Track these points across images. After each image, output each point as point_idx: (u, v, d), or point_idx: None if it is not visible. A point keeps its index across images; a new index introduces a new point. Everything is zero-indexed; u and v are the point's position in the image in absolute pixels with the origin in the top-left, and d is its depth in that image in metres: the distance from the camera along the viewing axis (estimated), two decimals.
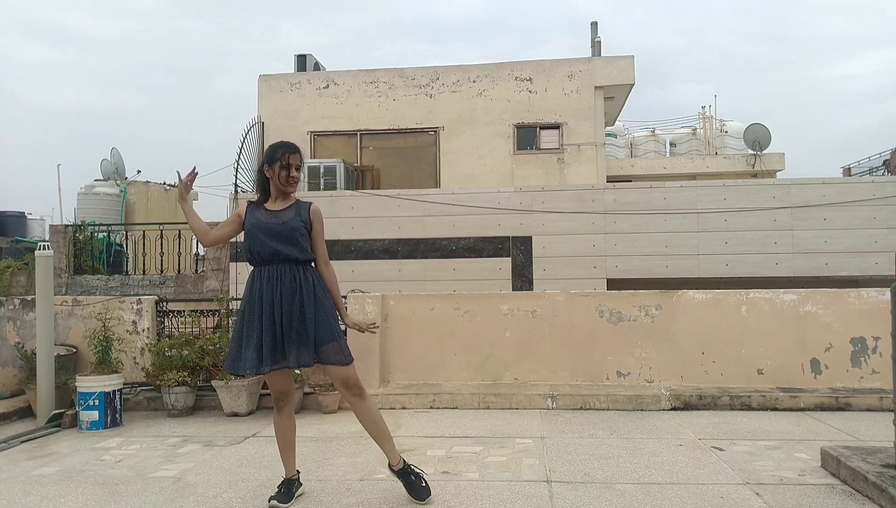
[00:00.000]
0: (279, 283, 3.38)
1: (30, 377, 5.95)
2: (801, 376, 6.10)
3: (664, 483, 3.81)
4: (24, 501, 3.70)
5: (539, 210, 10.96)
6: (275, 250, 3.39)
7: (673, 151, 20.63)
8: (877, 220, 10.54)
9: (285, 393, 3.56)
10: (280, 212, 3.49)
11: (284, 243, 3.40)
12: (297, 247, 3.42)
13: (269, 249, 3.40)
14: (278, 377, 3.49)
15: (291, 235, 3.41)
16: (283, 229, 3.42)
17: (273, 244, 3.39)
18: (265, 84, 14.49)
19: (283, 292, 3.37)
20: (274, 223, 3.43)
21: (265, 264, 3.43)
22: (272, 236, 3.40)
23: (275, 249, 3.39)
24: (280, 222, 3.44)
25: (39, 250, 5.90)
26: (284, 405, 3.57)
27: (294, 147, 3.54)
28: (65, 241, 11.77)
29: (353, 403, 3.47)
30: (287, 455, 3.63)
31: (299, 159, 3.52)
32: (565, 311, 6.47)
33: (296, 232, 3.42)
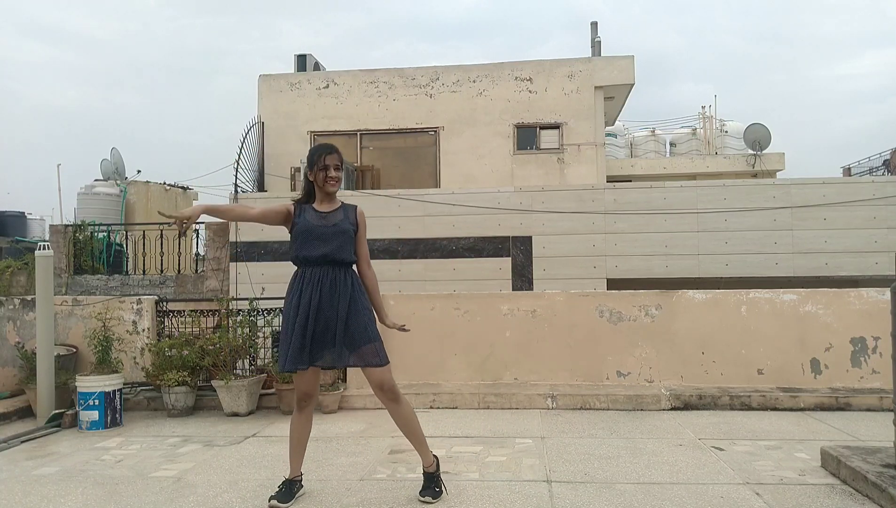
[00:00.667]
0: (320, 284, 3.45)
1: (30, 377, 5.96)
2: (801, 376, 6.10)
3: (664, 483, 3.81)
4: (24, 501, 3.70)
5: (539, 210, 10.96)
6: (323, 253, 3.47)
7: (673, 151, 20.62)
8: (877, 220, 10.53)
9: (310, 394, 3.59)
10: (329, 214, 3.56)
11: (333, 245, 3.48)
12: (345, 250, 3.51)
13: (319, 251, 3.47)
14: (308, 377, 3.53)
15: (341, 238, 3.50)
16: (333, 232, 3.50)
17: (323, 247, 3.47)
18: (265, 84, 14.48)
19: (322, 293, 3.43)
20: (324, 226, 3.51)
21: (312, 265, 3.49)
22: (322, 238, 3.49)
23: (324, 252, 3.47)
24: (330, 224, 3.52)
25: (39, 250, 5.90)
26: (307, 405, 3.60)
27: (330, 148, 3.58)
28: (65, 241, 11.76)
29: (388, 406, 3.53)
30: (296, 455, 3.64)
31: (337, 159, 3.56)
32: (565, 311, 6.47)
33: (345, 235, 3.52)
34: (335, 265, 3.49)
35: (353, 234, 3.58)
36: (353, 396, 6.11)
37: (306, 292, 3.44)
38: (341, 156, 3.62)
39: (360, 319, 3.46)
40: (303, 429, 3.62)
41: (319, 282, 3.45)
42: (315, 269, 3.48)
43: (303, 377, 3.51)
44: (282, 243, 11.29)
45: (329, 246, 3.47)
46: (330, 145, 3.61)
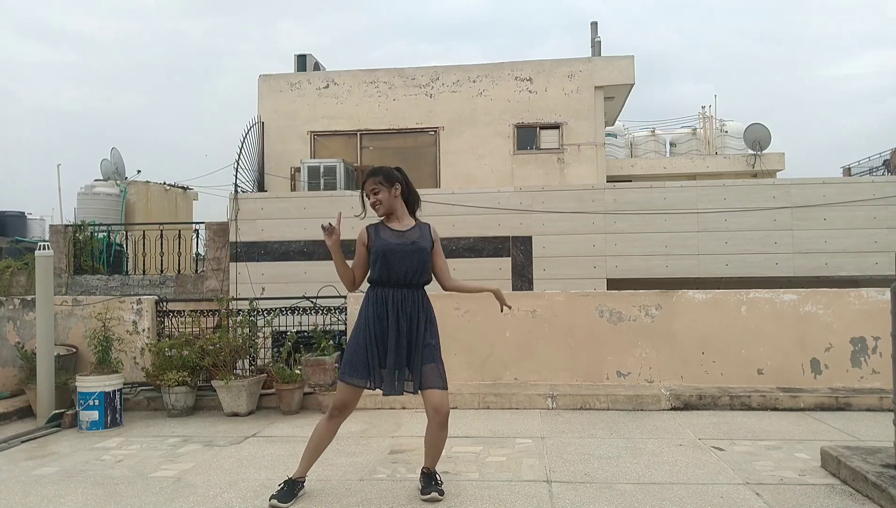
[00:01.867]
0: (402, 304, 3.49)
1: (30, 377, 5.95)
2: (801, 376, 6.10)
3: (664, 483, 3.81)
4: (24, 501, 3.70)
5: (539, 210, 10.96)
6: (405, 272, 3.48)
7: (673, 151, 20.63)
8: (877, 220, 10.53)
9: (348, 407, 3.56)
10: (406, 232, 3.56)
11: (414, 264, 3.49)
12: (425, 269, 3.54)
13: (402, 270, 3.48)
14: (354, 393, 3.51)
15: (421, 256, 3.51)
16: (412, 249, 3.50)
17: (405, 265, 3.47)
18: (265, 84, 14.49)
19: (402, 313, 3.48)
20: (403, 244, 3.50)
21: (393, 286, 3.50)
22: (403, 257, 3.48)
23: (406, 270, 3.48)
24: (409, 242, 3.51)
25: (39, 250, 5.90)
26: (340, 415, 3.56)
27: (369, 172, 3.60)
28: (65, 241, 11.77)
29: (434, 428, 3.52)
30: (310, 458, 3.61)
31: (373, 183, 3.55)
32: (565, 311, 6.47)
33: (425, 253, 3.53)
34: (415, 288, 3.53)
35: (430, 251, 3.57)
36: None
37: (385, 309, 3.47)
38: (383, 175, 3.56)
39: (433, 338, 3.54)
40: (326, 437, 3.59)
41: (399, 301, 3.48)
42: (396, 290, 3.50)
43: (350, 391, 3.49)
44: (281, 243, 11.30)
45: (408, 264, 3.48)
46: (371, 169, 3.61)
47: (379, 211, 3.58)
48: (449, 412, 3.53)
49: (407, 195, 3.64)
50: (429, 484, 3.59)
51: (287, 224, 11.36)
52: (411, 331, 3.47)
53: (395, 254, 3.46)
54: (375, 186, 3.55)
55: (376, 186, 3.55)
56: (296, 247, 11.24)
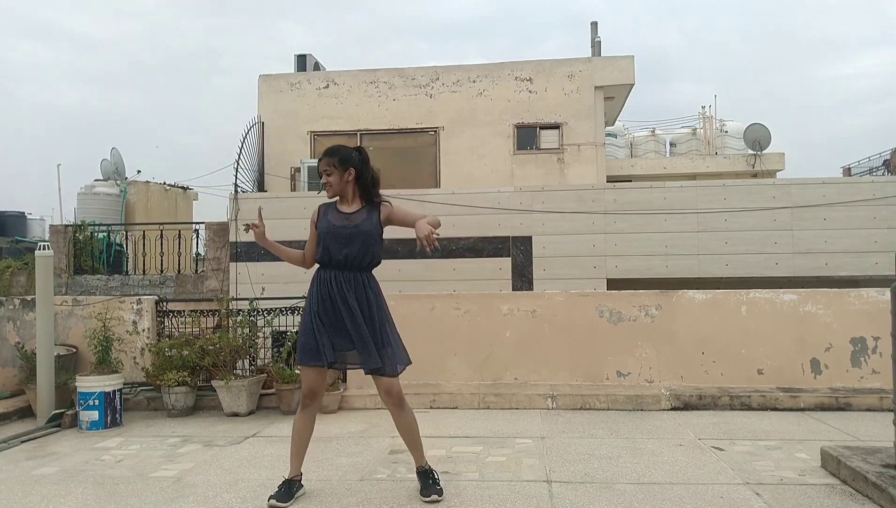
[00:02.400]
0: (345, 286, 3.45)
1: (30, 377, 5.95)
2: (801, 376, 6.10)
3: (664, 483, 3.81)
4: (24, 501, 3.70)
5: (539, 210, 10.95)
6: (345, 256, 3.45)
7: (673, 151, 20.62)
8: (877, 220, 10.52)
9: (316, 392, 3.57)
10: (352, 215, 3.53)
11: (355, 248, 3.46)
12: (368, 253, 3.49)
13: (341, 253, 3.45)
14: (316, 376, 3.52)
15: (364, 240, 3.47)
16: (353, 232, 3.47)
17: (345, 249, 3.45)
18: (265, 84, 14.48)
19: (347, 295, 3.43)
20: (346, 227, 3.48)
21: (335, 268, 3.48)
22: (344, 240, 3.46)
23: (346, 253, 3.45)
24: (352, 225, 3.49)
25: (39, 250, 5.90)
26: (311, 403, 3.57)
27: (325, 151, 3.57)
28: (65, 241, 11.76)
29: (392, 410, 3.57)
30: (297, 454, 3.61)
31: (326, 164, 3.53)
32: (565, 311, 6.47)
33: (369, 237, 3.49)
34: (356, 270, 3.50)
35: (379, 234, 3.55)
36: (353, 396, 6.11)
37: (328, 291, 3.45)
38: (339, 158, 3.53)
39: (378, 322, 3.48)
40: (305, 428, 3.59)
41: (346, 285, 3.45)
42: (339, 272, 3.48)
43: (311, 374, 3.50)
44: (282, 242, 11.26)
45: (349, 247, 3.45)
46: (324, 151, 3.59)
47: (328, 193, 3.57)
48: (400, 391, 3.55)
49: (363, 180, 3.57)
50: (427, 484, 3.58)
51: (287, 224, 11.29)
52: (363, 313, 3.44)
53: (335, 237, 3.46)
54: (328, 167, 3.53)
55: (329, 168, 3.53)
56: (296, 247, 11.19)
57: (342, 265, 3.47)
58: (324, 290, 3.47)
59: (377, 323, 3.48)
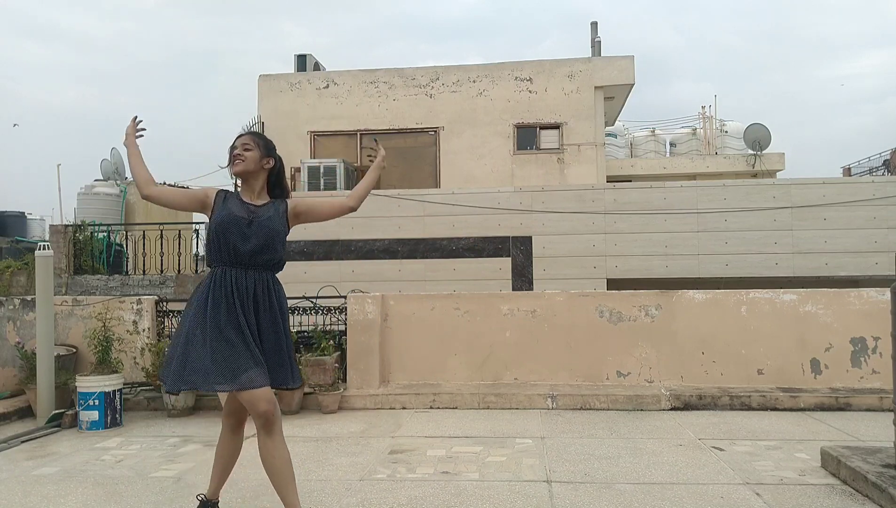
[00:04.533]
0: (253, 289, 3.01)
1: (30, 377, 5.95)
2: (801, 376, 6.10)
3: (664, 483, 3.81)
4: (24, 501, 3.70)
5: (539, 210, 10.96)
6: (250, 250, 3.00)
7: (673, 151, 20.62)
8: (877, 220, 10.53)
9: (240, 412, 3.12)
10: (258, 207, 3.09)
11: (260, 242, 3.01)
12: (273, 249, 3.06)
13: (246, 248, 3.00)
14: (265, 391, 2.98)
15: (269, 235, 3.04)
16: (259, 224, 3.03)
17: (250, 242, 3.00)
18: (265, 84, 14.49)
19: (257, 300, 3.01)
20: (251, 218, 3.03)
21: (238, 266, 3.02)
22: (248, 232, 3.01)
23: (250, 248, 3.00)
24: (260, 217, 3.05)
25: (39, 250, 5.90)
26: (238, 424, 3.16)
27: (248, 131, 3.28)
28: (65, 241, 11.76)
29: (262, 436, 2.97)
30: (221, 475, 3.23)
31: (249, 139, 3.14)
32: (565, 311, 6.47)
33: (275, 233, 3.06)
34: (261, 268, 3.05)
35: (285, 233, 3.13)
36: (353, 396, 6.11)
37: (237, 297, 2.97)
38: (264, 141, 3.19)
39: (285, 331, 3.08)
40: (233, 452, 3.21)
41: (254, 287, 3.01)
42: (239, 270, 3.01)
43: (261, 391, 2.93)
44: None
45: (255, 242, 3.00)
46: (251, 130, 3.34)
47: (237, 167, 3.07)
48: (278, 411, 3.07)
49: (275, 181, 3.19)
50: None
51: None
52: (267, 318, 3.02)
53: (238, 227, 2.98)
54: (250, 142, 3.11)
55: (250, 144, 3.10)
56: (295, 247, 11.23)
57: (246, 263, 3.00)
58: (219, 292, 2.96)
59: (283, 332, 3.07)
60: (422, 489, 3.76)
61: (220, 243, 3.01)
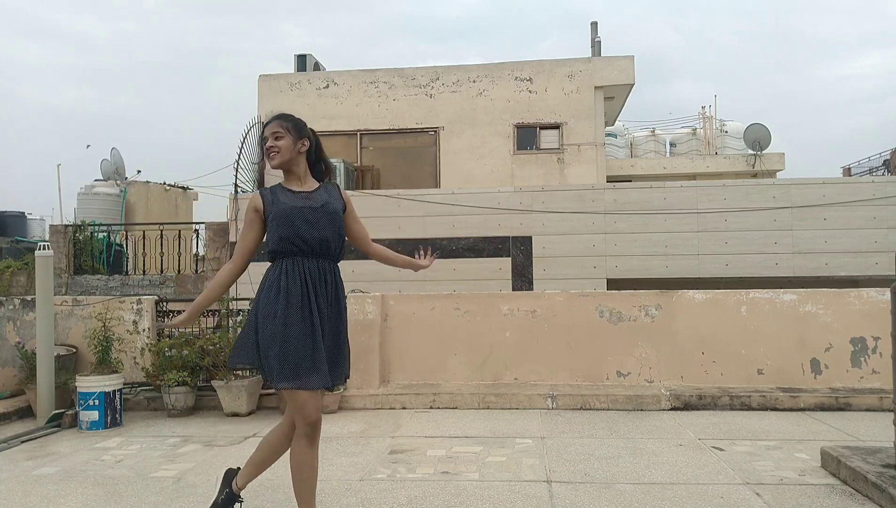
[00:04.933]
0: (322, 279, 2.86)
1: (30, 377, 5.95)
2: (801, 376, 6.10)
3: (664, 483, 3.81)
4: (24, 501, 3.70)
5: (539, 210, 10.96)
6: (319, 240, 2.84)
7: (673, 151, 20.63)
8: (877, 220, 10.53)
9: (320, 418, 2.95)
10: (312, 194, 2.93)
11: (327, 230, 2.86)
12: (341, 237, 2.94)
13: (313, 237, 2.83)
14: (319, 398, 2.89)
15: (334, 220, 2.89)
16: (323, 212, 2.87)
17: (317, 232, 2.83)
18: (265, 84, 14.49)
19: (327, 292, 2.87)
20: (311, 207, 2.87)
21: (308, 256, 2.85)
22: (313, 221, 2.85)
23: (319, 237, 2.83)
24: (318, 204, 2.88)
25: (39, 250, 5.90)
26: (318, 432, 2.97)
27: (274, 116, 2.98)
28: (65, 241, 11.77)
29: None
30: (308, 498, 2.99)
31: (277, 125, 2.92)
32: (565, 311, 6.47)
33: (338, 217, 2.92)
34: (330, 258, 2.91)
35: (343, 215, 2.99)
36: (353, 396, 6.11)
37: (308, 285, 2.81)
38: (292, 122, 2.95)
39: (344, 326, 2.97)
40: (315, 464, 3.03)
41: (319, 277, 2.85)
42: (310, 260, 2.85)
43: (317, 397, 2.84)
44: None
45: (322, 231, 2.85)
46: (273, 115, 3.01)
47: (274, 161, 2.91)
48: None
49: (315, 160, 3.04)
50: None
51: None
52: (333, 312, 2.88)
53: (301, 216, 2.82)
54: (279, 129, 2.89)
55: (280, 130, 2.89)
56: None
57: (316, 253, 2.84)
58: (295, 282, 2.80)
59: (344, 327, 2.97)
60: (422, 489, 3.76)
61: (285, 234, 2.81)
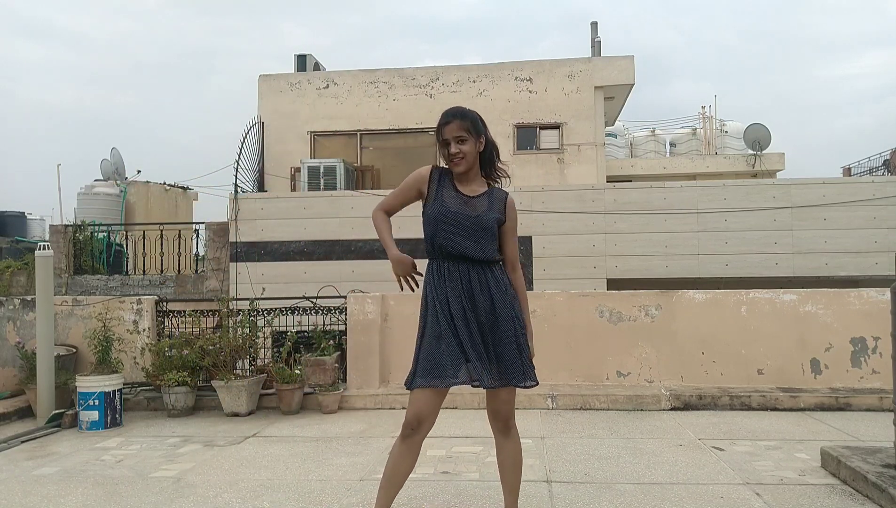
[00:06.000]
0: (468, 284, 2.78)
1: (30, 377, 5.95)
2: (801, 376, 6.10)
3: (664, 483, 3.81)
4: (24, 501, 3.70)
5: (539, 210, 10.96)
6: (460, 250, 2.76)
7: (673, 151, 20.62)
8: (877, 220, 10.53)
9: (424, 419, 2.85)
10: (473, 200, 2.79)
11: (470, 244, 2.75)
12: (483, 249, 2.78)
13: (455, 247, 2.76)
14: (434, 398, 2.85)
15: (479, 235, 2.76)
16: (470, 225, 2.75)
17: (459, 244, 2.75)
18: (265, 84, 14.49)
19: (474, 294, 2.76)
20: (464, 214, 2.75)
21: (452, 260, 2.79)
22: (458, 231, 2.75)
23: (461, 248, 2.75)
24: (473, 214, 2.76)
25: (39, 250, 5.90)
26: (417, 433, 2.84)
27: (447, 114, 2.80)
28: (65, 241, 11.77)
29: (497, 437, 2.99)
30: (389, 494, 2.89)
31: (460, 128, 2.74)
32: (565, 311, 6.47)
33: (486, 232, 2.77)
34: (479, 263, 2.79)
35: (496, 230, 2.81)
36: (353, 396, 6.11)
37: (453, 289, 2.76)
38: (471, 120, 2.77)
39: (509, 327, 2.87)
40: (405, 463, 2.88)
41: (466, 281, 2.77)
42: (452, 263, 2.78)
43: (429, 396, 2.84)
44: (281, 243, 11.30)
45: (464, 243, 2.75)
46: (449, 111, 2.82)
47: (459, 167, 2.75)
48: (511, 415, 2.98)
49: (487, 157, 2.84)
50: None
51: (287, 224, 11.36)
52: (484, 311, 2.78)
53: (448, 225, 2.74)
54: (462, 132, 2.73)
55: (463, 134, 2.73)
56: (296, 247, 11.24)
57: (458, 258, 2.78)
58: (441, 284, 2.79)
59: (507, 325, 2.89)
60: (422, 489, 3.76)
61: (433, 240, 2.78)
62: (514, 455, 2.95)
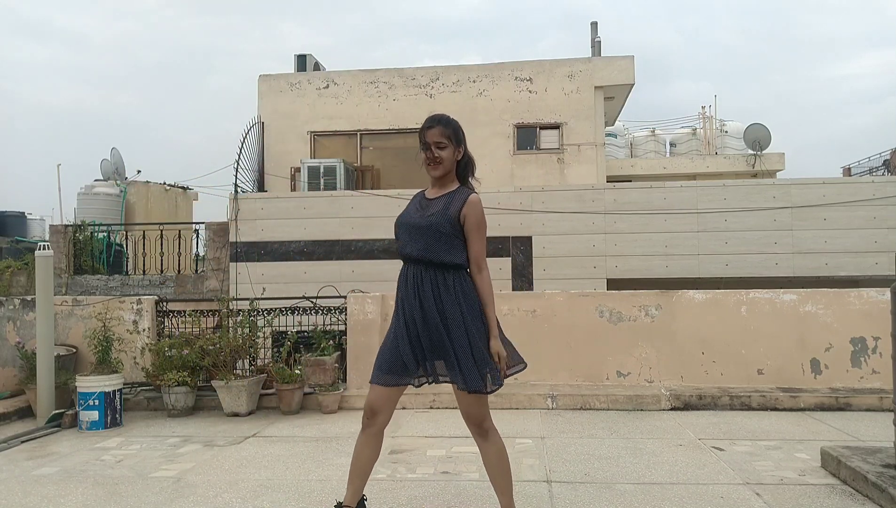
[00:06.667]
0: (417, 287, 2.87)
1: (30, 377, 5.95)
2: (801, 376, 6.10)
3: (664, 483, 3.81)
4: (24, 501, 3.70)
5: (539, 210, 10.96)
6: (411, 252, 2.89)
7: (673, 151, 20.62)
8: (877, 220, 10.53)
9: (377, 411, 3.04)
10: (432, 202, 2.91)
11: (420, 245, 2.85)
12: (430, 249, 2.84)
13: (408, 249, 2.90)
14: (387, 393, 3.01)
15: (427, 235, 2.83)
16: (419, 225, 2.86)
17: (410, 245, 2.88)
18: (265, 84, 14.49)
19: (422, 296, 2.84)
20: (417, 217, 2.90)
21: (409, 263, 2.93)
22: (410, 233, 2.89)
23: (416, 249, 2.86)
24: (426, 214, 2.87)
25: (39, 250, 5.90)
26: (371, 424, 3.03)
27: (431, 119, 2.89)
28: (65, 241, 11.77)
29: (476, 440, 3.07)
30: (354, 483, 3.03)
31: (441, 134, 2.84)
32: (565, 311, 6.47)
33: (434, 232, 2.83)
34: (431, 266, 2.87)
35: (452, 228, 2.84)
36: (353, 396, 6.11)
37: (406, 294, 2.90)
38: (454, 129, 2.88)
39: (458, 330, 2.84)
40: (364, 452, 3.04)
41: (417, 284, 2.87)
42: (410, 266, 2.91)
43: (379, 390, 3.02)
44: (281, 243, 11.30)
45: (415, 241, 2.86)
46: (434, 117, 2.90)
47: (436, 172, 2.87)
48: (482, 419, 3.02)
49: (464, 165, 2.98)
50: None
51: (287, 224, 11.37)
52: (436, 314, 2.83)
53: (401, 229, 2.93)
54: (443, 139, 2.84)
55: (443, 141, 2.84)
56: (296, 247, 11.24)
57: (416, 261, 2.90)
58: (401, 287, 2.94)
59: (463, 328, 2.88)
60: (422, 489, 3.76)
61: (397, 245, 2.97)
62: (495, 457, 3.03)
